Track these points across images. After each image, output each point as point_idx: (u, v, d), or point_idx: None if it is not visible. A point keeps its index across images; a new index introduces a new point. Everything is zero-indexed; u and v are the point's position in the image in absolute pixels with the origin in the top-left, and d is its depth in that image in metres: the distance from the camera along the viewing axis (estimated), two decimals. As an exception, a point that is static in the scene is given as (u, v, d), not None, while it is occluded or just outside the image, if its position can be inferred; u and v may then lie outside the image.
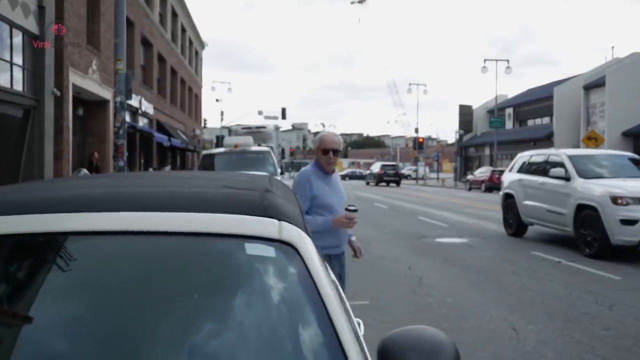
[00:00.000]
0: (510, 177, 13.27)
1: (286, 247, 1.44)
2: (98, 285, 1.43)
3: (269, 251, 1.43)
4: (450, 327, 5.68)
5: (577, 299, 6.82)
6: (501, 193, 13.56)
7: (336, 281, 2.81)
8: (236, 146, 15.01)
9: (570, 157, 11.04)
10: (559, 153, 11.61)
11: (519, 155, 13.56)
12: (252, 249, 1.44)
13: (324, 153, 4.06)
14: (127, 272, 1.46)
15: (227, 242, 1.47)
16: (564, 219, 10.60)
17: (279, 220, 1.49)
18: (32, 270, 1.49)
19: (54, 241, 1.48)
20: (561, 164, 10.98)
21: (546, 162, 11.81)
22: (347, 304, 2.39)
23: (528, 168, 12.57)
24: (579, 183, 10.33)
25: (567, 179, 10.63)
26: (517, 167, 13.09)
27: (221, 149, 15.73)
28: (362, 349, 1.39)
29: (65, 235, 1.47)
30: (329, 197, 4.04)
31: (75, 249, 1.47)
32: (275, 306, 1.41)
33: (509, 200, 12.90)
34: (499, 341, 5.28)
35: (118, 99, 9.28)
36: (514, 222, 12.56)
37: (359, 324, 2.44)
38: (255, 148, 15.50)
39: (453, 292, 7.17)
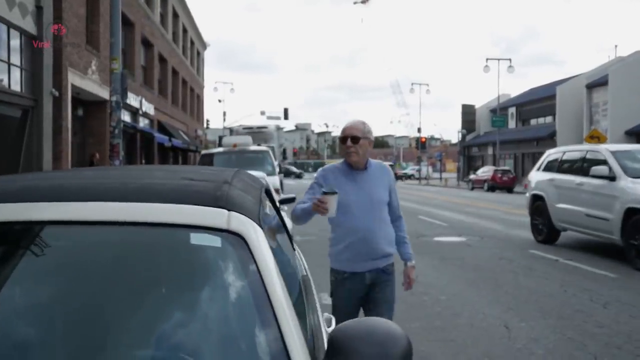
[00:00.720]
0: (538, 176, 11.75)
1: (235, 237, 1.40)
2: (39, 273, 1.41)
3: (214, 241, 1.40)
4: (442, 325, 5.66)
5: (572, 296, 6.77)
6: (528, 195, 12.11)
7: (307, 275, 2.75)
8: (235, 146, 15.04)
9: (614, 153, 9.63)
10: (600, 149, 10.21)
11: (548, 152, 12.19)
12: (197, 238, 1.41)
13: (342, 142, 3.40)
14: (70, 261, 1.44)
15: (173, 231, 1.44)
16: (608, 225, 9.15)
17: (229, 210, 1.46)
18: None
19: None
20: (603, 162, 9.58)
21: (583, 160, 10.44)
22: (316, 298, 2.36)
23: (560, 166, 11.19)
24: (626, 183, 8.94)
25: (611, 178, 9.22)
26: (545, 165, 11.74)
27: (220, 149, 15.75)
28: (313, 350, 1.33)
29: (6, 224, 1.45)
30: (346, 195, 3.25)
31: (18, 239, 1.45)
32: (216, 298, 1.39)
33: (538, 203, 11.41)
34: (490, 339, 5.24)
35: (114, 98, 9.28)
36: (545, 227, 11.12)
37: (329, 320, 2.40)
38: (253, 147, 15.51)
39: (448, 291, 7.13)
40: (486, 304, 6.49)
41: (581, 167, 10.41)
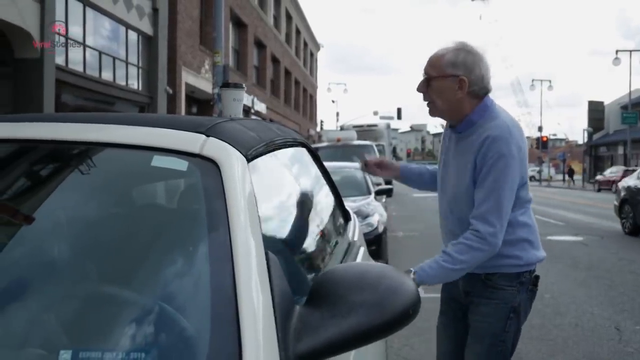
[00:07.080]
0: None
1: (207, 163, 1.21)
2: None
3: (179, 165, 1.22)
4: (542, 323, 5.13)
5: (702, 301, 5.91)
6: None
7: (355, 242, 2.45)
8: (338, 140, 15.04)
9: None
10: None
11: None
12: (160, 161, 1.23)
13: None
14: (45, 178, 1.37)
15: (139, 154, 1.28)
16: None
17: (209, 136, 1.28)
18: None
19: None
20: None
21: None
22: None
23: None
24: None
25: None
26: None
27: (324, 143, 15.84)
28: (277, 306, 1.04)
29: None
30: (440, 170, 2.26)
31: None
32: (170, 224, 1.21)
33: None
34: (596, 340, 4.66)
35: (215, 90, 9.51)
36: None
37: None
38: (357, 142, 15.41)
39: (554, 289, 6.51)
40: (596, 304, 5.83)
41: None
